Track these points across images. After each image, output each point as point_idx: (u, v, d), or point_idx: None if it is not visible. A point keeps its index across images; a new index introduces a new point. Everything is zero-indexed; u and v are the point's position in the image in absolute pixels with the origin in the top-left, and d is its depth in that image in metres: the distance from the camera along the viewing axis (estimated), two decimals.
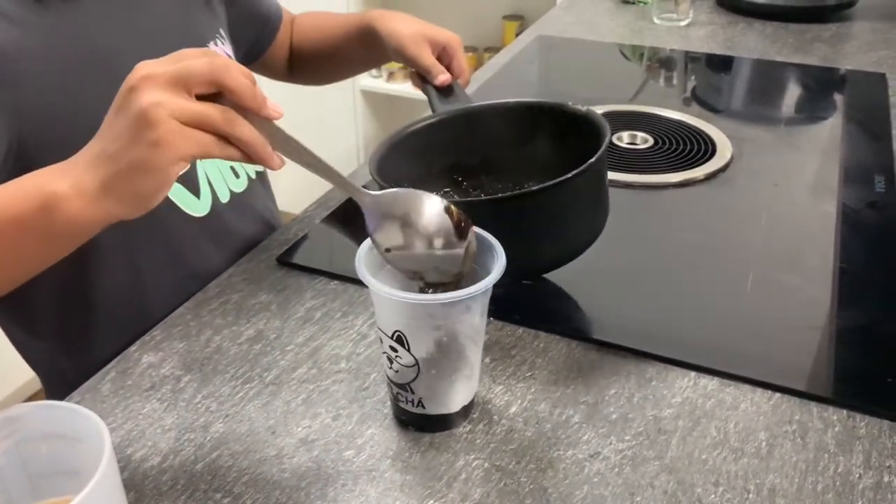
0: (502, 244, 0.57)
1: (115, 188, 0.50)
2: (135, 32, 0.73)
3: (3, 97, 0.63)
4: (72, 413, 0.42)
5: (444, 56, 0.88)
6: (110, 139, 0.49)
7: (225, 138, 0.49)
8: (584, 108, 0.75)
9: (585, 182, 0.67)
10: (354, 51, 0.98)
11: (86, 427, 0.41)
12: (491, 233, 0.58)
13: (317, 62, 1.03)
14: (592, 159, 0.66)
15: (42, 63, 0.65)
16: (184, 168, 0.49)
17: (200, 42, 0.81)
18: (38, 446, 0.44)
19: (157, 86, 0.48)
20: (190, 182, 0.77)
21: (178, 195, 0.76)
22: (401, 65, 1.19)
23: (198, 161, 0.78)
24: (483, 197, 0.80)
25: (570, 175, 0.64)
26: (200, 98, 0.49)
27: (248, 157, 0.50)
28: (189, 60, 0.48)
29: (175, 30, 0.78)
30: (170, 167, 0.48)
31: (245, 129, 0.49)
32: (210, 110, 0.48)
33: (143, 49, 0.73)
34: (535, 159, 0.78)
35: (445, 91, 0.86)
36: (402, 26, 0.88)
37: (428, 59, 0.86)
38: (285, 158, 0.52)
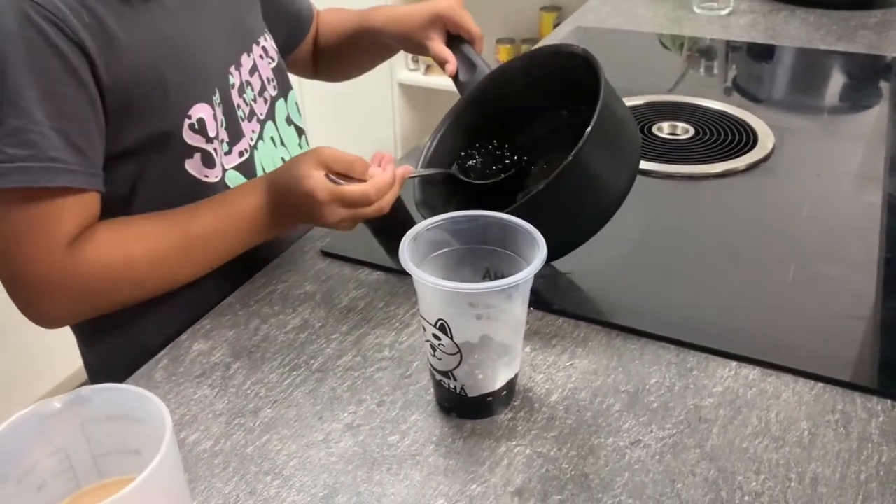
0: (549, 228, 0.57)
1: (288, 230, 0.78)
2: (200, 28, 0.77)
3: (103, 93, 0.67)
4: (135, 395, 0.44)
5: (451, 27, 0.90)
6: (297, 217, 0.73)
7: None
8: (580, 49, 0.76)
9: (594, 146, 0.66)
10: (363, 51, 1.01)
11: (148, 409, 0.43)
12: (535, 222, 0.59)
13: (334, 61, 1.05)
14: (584, 136, 0.65)
15: (131, 58, 0.69)
16: None
17: (251, 37, 0.84)
18: (103, 426, 0.46)
19: (339, 206, 0.69)
20: (249, 175, 0.81)
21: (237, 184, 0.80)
22: None
23: (255, 154, 0.83)
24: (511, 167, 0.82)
25: (573, 153, 0.64)
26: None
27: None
28: (362, 209, 0.70)
29: (230, 26, 0.82)
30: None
31: (381, 211, 0.71)
32: (368, 212, 0.70)
33: (205, 44, 0.77)
34: (554, 107, 0.80)
35: (463, 65, 0.88)
36: (405, 26, 0.91)
37: (433, 50, 0.89)
38: None
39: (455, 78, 0.88)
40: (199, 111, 0.74)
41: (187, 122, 0.73)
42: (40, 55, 0.63)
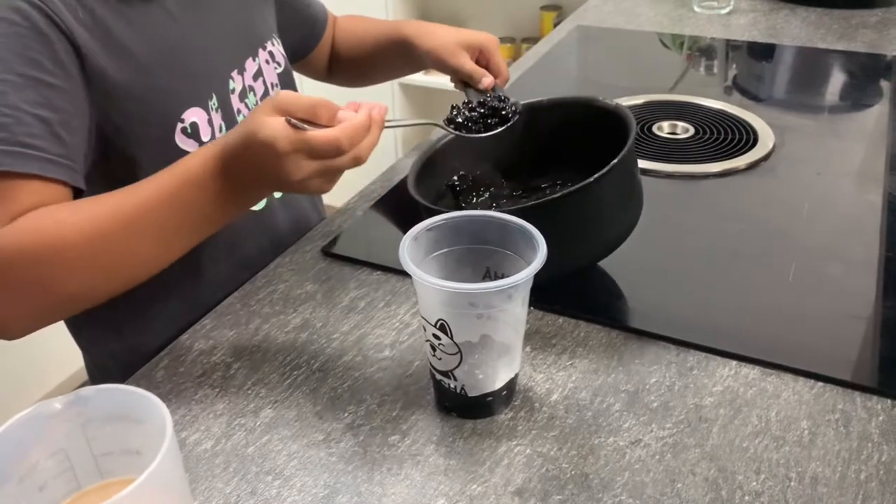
0: (550, 240, 0.57)
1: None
2: (202, 30, 0.77)
3: (92, 89, 0.67)
4: (135, 396, 0.44)
5: (481, 58, 0.91)
6: (255, 178, 0.62)
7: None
8: (612, 103, 0.76)
9: (613, 180, 0.67)
10: (390, 60, 1.01)
11: (148, 409, 0.44)
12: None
13: (354, 67, 1.05)
14: (615, 160, 0.66)
15: (125, 58, 0.69)
16: None
17: (259, 41, 0.84)
18: (104, 427, 0.46)
19: (304, 158, 0.58)
20: None
21: None
22: None
23: None
24: (522, 196, 0.82)
25: (593, 178, 0.65)
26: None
27: None
28: (334, 160, 0.59)
29: (237, 29, 0.81)
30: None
31: (359, 161, 0.61)
32: (341, 163, 0.59)
33: (209, 46, 0.77)
34: (570, 152, 0.79)
35: (486, 93, 0.88)
36: (438, 40, 0.91)
37: (469, 65, 0.89)
38: None
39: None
40: (193, 115, 0.74)
41: (180, 125, 0.73)
42: (25, 40, 0.62)
